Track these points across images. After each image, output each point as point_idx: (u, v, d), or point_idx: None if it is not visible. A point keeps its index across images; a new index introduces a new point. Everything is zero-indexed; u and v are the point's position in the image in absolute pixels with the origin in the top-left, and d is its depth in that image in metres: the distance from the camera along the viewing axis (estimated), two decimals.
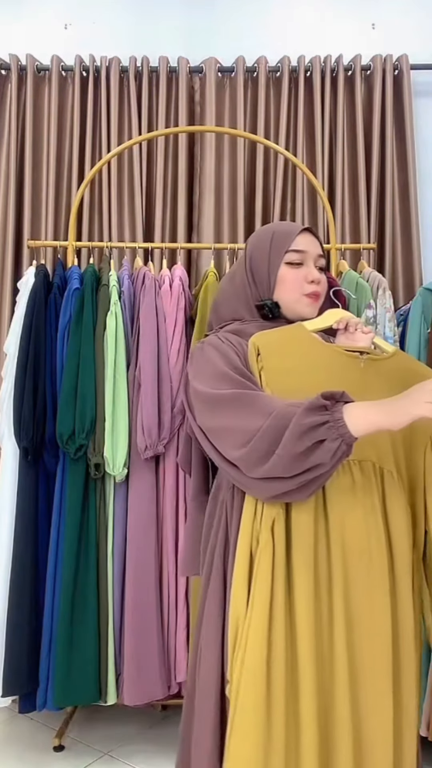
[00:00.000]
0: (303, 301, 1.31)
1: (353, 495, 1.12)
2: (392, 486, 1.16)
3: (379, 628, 1.11)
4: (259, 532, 1.10)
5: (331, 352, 1.20)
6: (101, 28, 3.01)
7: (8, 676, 1.98)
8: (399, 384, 1.19)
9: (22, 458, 2.06)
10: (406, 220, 2.91)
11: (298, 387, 1.14)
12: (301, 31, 3.00)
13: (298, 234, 1.32)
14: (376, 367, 1.21)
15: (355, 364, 1.19)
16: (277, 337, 1.19)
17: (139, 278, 2.16)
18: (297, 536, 1.10)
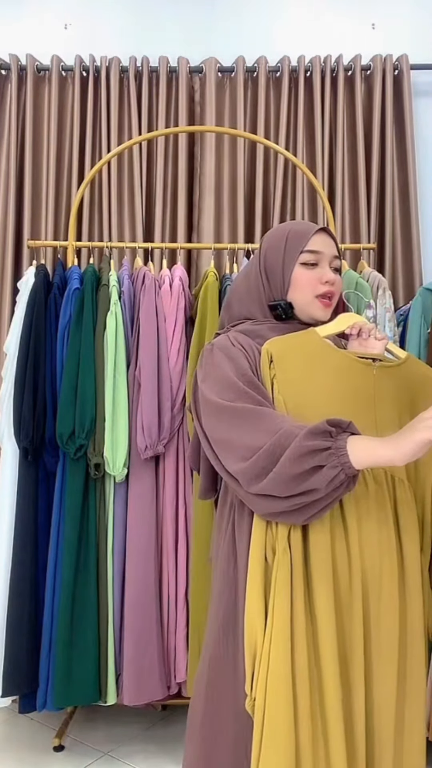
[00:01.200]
0: (316, 303, 1.29)
1: (367, 503, 1.11)
2: (404, 494, 1.15)
3: (389, 639, 1.11)
4: (275, 540, 1.09)
5: (344, 358, 1.18)
6: (101, 28, 3.01)
7: (8, 676, 1.98)
8: (411, 390, 1.19)
9: (22, 458, 2.06)
10: (406, 220, 2.91)
11: (311, 394, 1.14)
12: (302, 31, 3.00)
13: (314, 234, 1.30)
14: (389, 373, 1.20)
15: (368, 372, 1.18)
16: (290, 343, 1.18)
17: (139, 278, 2.16)
18: (314, 546, 1.09)
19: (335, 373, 1.17)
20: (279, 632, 1.06)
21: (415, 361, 1.26)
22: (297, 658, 1.06)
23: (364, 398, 1.14)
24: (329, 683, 1.06)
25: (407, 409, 1.20)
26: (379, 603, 1.12)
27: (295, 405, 1.13)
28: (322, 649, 1.07)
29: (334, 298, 1.31)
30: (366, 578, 1.11)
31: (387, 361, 1.22)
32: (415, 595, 1.14)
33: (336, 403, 1.15)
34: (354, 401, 1.16)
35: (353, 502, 1.11)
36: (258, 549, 1.10)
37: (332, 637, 1.07)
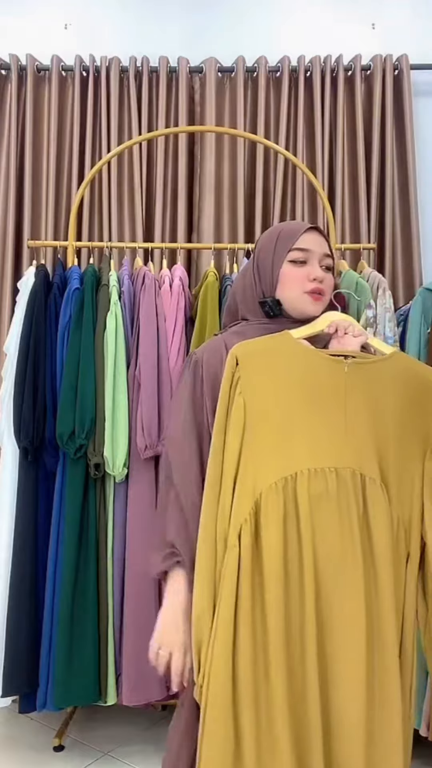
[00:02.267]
0: (305, 298, 1.29)
1: (327, 501, 1.11)
2: (374, 493, 1.13)
3: (353, 633, 1.09)
4: (226, 533, 1.11)
5: (314, 358, 1.18)
6: (101, 28, 3.01)
7: (8, 676, 1.98)
8: (397, 385, 1.17)
9: (22, 458, 2.07)
10: (406, 220, 2.91)
11: (275, 395, 1.15)
12: (301, 31, 3.00)
13: (304, 232, 1.32)
14: (364, 369, 1.18)
15: (339, 369, 1.16)
16: (258, 346, 1.19)
17: (139, 278, 2.16)
18: (266, 542, 1.10)
19: (304, 372, 1.17)
20: (223, 623, 1.08)
21: (402, 357, 1.23)
22: (240, 648, 1.07)
23: (332, 397, 1.13)
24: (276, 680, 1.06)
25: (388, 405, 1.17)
26: (342, 602, 1.10)
27: (256, 405, 1.15)
28: (271, 644, 1.07)
29: (326, 294, 1.32)
30: (321, 576, 1.10)
31: (362, 358, 1.19)
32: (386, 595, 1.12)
33: (300, 402, 1.15)
34: (320, 400, 1.15)
35: (310, 499, 1.11)
36: (207, 542, 1.13)
37: (281, 632, 1.07)
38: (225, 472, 1.15)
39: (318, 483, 1.11)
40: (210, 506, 1.14)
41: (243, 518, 1.11)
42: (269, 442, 1.14)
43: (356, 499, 1.12)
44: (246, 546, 1.10)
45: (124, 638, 1.99)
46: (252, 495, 1.12)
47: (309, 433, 1.14)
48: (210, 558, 1.12)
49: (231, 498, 1.13)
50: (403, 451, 1.17)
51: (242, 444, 1.15)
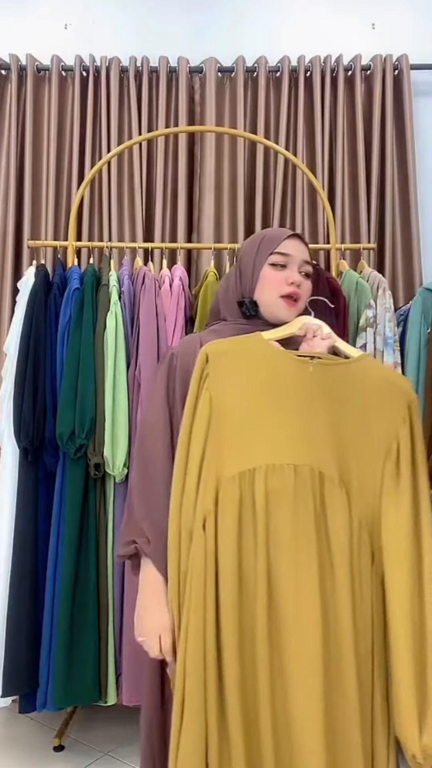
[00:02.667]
0: (280, 303, 1.35)
1: (283, 497, 1.14)
2: (332, 491, 1.16)
3: (307, 629, 1.10)
4: (191, 525, 1.15)
5: (281, 358, 1.22)
6: (101, 28, 3.01)
7: (8, 676, 1.98)
8: (361, 388, 1.21)
9: (22, 458, 2.06)
10: (406, 220, 2.91)
11: (240, 392, 1.20)
12: (301, 31, 3.00)
13: (286, 238, 1.38)
14: (329, 371, 1.21)
15: (304, 370, 1.20)
16: (229, 346, 1.24)
17: (139, 278, 2.16)
18: (222, 535, 1.14)
19: (270, 372, 1.21)
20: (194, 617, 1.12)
21: (371, 362, 1.26)
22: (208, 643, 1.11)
23: (296, 397, 1.18)
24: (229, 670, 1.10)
25: (352, 407, 1.20)
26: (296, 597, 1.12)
27: (222, 401, 1.20)
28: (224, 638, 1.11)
29: (301, 300, 1.36)
30: (274, 572, 1.12)
31: (328, 360, 1.23)
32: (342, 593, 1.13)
33: (265, 400, 1.19)
34: (284, 399, 1.19)
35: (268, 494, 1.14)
36: (174, 533, 1.17)
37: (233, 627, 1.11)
38: (190, 464, 1.19)
39: (275, 478, 1.15)
40: (176, 499, 1.19)
41: (207, 509, 1.15)
42: (232, 436, 1.18)
43: (313, 496, 1.15)
44: (210, 537, 1.14)
45: (124, 638, 1.99)
46: (214, 487, 1.16)
47: (271, 430, 1.18)
48: (177, 552, 1.17)
49: (196, 490, 1.17)
50: (365, 452, 1.19)
51: (207, 438, 1.19)
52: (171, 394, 1.34)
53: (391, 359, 2.03)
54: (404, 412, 1.19)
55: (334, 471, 1.17)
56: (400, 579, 1.13)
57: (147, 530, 1.25)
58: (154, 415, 1.34)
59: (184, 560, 1.16)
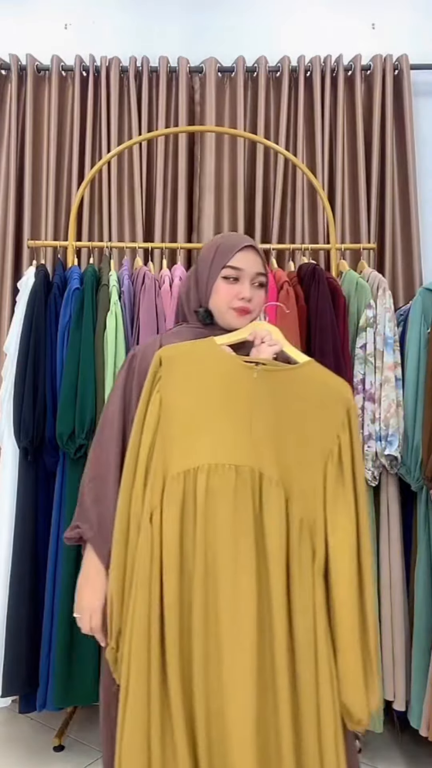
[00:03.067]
0: (231, 313, 1.40)
1: (223, 496, 1.20)
2: (269, 491, 1.22)
3: (243, 617, 1.16)
4: (139, 518, 1.22)
5: (229, 363, 1.28)
6: (101, 28, 3.01)
7: (8, 676, 1.98)
8: (304, 393, 1.26)
9: (22, 458, 2.06)
10: (406, 220, 2.91)
11: (188, 395, 1.26)
12: (301, 31, 3.00)
13: (239, 251, 1.41)
14: (272, 377, 1.27)
15: (249, 375, 1.26)
16: (182, 350, 1.31)
17: (139, 278, 2.16)
18: (166, 530, 1.20)
19: (218, 376, 1.27)
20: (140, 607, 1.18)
21: (316, 368, 1.30)
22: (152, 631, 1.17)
23: (241, 400, 1.24)
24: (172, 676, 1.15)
25: (293, 411, 1.25)
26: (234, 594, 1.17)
27: (171, 403, 1.26)
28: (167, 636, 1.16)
29: (253, 312, 1.42)
30: (212, 569, 1.18)
31: (273, 366, 1.28)
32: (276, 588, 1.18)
33: (211, 403, 1.26)
34: (229, 402, 1.25)
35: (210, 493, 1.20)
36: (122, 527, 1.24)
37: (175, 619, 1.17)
38: (139, 461, 1.25)
39: (217, 478, 1.21)
40: (125, 492, 1.25)
41: (154, 504, 1.21)
42: (178, 436, 1.24)
43: (252, 495, 1.21)
44: (156, 530, 1.20)
45: None
46: (161, 484, 1.22)
47: (215, 431, 1.24)
48: (123, 542, 1.23)
49: (143, 485, 1.23)
50: (305, 454, 1.24)
51: (155, 437, 1.25)
52: (128, 393, 1.42)
53: (391, 359, 2.03)
54: (344, 417, 1.25)
55: (275, 472, 1.23)
56: (344, 572, 1.21)
57: (93, 518, 1.34)
58: (113, 408, 1.42)
59: (131, 549, 1.22)
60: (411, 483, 1.99)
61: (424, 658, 1.91)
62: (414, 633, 1.95)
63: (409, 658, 1.98)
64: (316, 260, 2.49)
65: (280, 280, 2.11)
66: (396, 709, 1.99)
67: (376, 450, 1.98)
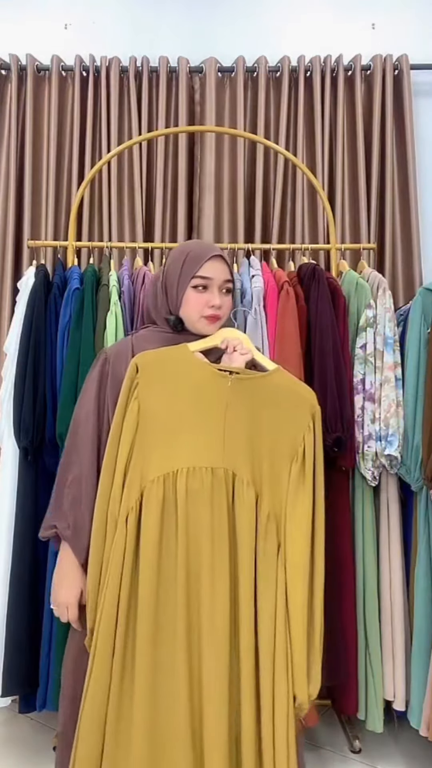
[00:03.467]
0: (202, 321, 1.49)
1: (201, 496, 1.29)
2: (241, 490, 1.32)
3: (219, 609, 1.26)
4: (116, 518, 1.30)
5: (203, 371, 1.36)
6: (101, 28, 3.01)
7: (8, 676, 1.98)
8: (270, 399, 1.36)
9: (21, 458, 2.06)
10: (406, 220, 2.91)
11: (166, 402, 1.34)
12: (301, 31, 3.00)
13: (207, 260, 1.48)
14: (245, 385, 1.36)
15: (224, 383, 1.35)
16: (157, 357, 1.38)
17: (139, 278, 2.16)
18: (145, 529, 1.28)
19: (193, 383, 1.35)
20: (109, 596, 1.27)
21: (284, 375, 1.40)
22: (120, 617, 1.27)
23: (215, 406, 1.33)
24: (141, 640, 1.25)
25: (264, 416, 1.35)
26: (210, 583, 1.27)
27: (149, 409, 1.34)
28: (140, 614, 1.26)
29: (222, 317, 1.50)
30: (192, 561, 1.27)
31: (245, 374, 1.37)
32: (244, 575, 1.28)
33: (187, 409, 1.34)
34: (204, 408, 1.34)
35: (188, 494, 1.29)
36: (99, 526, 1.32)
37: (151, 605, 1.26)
38: (117, 465, 1.33)
39: (195, 480, 1.30)
40: (104, 494, 1.33)
41: (130, 506, 1.30)
42: (157, 441, 1.32)
43: (227, 495, 1.31)
44: (131, 531, 1.29)
45: None
46: (138, 487, 1.31)
47: (192, 436, 1.32)
48: (101, 540, 1.32)
49: (121, 487, 1.31)
50: (276, 455, 1.34)
51: (134, 442, 1.33)
52: (102, 395, 1.47)
53: (391, 359, 2.03)
54: (309, 421, 1.36)
55: (247, 473, 1.32)
56: (297, 563, 1.31)
57: (71, 520, 1.41)
58: (85, 413, 1.47)
59: (108, 547, 1.31)
60: (411, 483, 1.99)
61: (424, 658, 1.91)
62: (414, 633, 1.95)
63: (409, 658, 1.98)
64: (316, 260, 2.49)
65: (280, 280, 2.11)
66: (396, 709, 1.99)
67: (376, 450, 1.98)
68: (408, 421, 1.99)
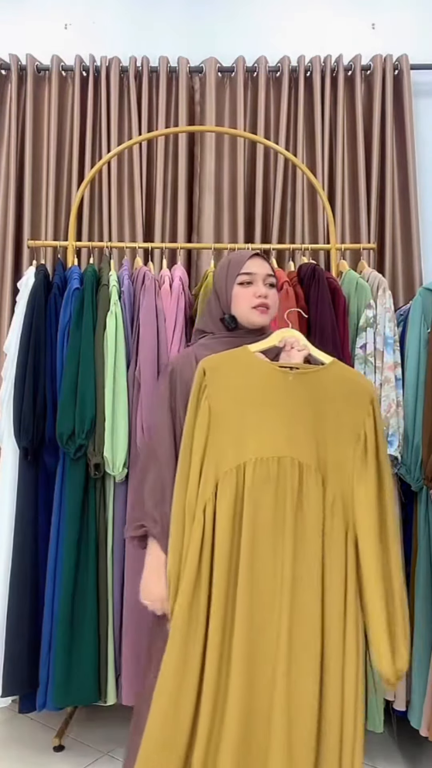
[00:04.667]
0: (253, 313, 1.60)
1: (267, 484, 1.39)
2: (308, 476, 1.40)
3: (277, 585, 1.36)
4: (193, 510, 1.40)
5: (266, 368, 1.46)
6: (101, 28, 3.01)
7: (8, 675, 1.98)
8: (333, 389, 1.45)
9: (22, 458, 2.07)
10: (406, 220, 2.91)
11: (234, 400, 1.44)
12: (301, 31, 3.00)
13: (249, 259, 1.62)
14: (305, 379, 1.45)
15: (285, 379, 1.44)
16: (222, 360, 1.48)
17: (139, 278, 2.16)
18: (219, 518, 1.38)
19: (257, 381, 1.45)
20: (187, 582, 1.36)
21: (338, 366, 1.49)
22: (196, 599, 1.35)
23: (279, 401, 1.43)
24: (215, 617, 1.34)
25: (325, 406, 1.44)
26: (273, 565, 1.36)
27: (219, 409, 1.44)
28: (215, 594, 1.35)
29: (271, 307, 1.62)
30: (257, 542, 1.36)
31: (304, 368, 1.46)
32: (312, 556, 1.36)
33: (253, 405, 1.43)
34: (269, 403, 1.43)
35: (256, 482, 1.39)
36: (178, 518, 1.41)
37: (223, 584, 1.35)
38: (192, 462, 1.43)
39: (262, 469, 1.40)
40: (180, 490, 1.43)
41: (207, 498, 1.40)
42: (228, 437, 1.42)
43: (292, 481, 1.39)
44: (208, 520, 1.39)
45: (124, 638, 1.99)
46: (214, 479, 1.41)
47: (258, 429, 1.42)
48: (179, 531, 1.41)
49: (197, 483, 1.41)
50: (339, 442, 1.43)
51: (207, 439, 1.43)
52: (173, 403, 1.59)
53: (391, 359, 2.03)
54: (368, 407, 1.44)
55: (312, 460, 1.41)
56: (370, 541, 1.38)
57: (158, 518, 1.51)
58: (161, 420, 1.59)
59: (187, 535, 1.40)
60: (411, 483, 1.99)
61: (424, 658, 1.91)
62: (414, 633, 1.95)
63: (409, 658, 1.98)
64: (316, 260, 2.49)
65: (280, 280, 2.11)
66: (396, 708, 1.99)
67: None
68: (408, 421, 1.99)
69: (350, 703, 1.33)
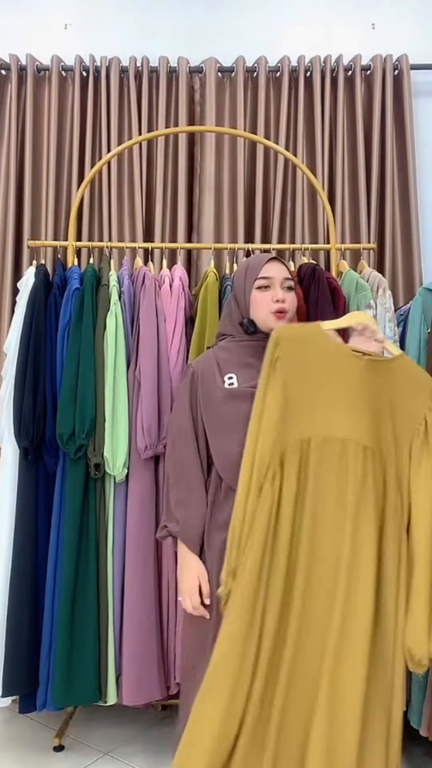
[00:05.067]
0: (271, 317, 1.61)
1: (329, 463, 1.41)
2: (370, 460, 1.42)
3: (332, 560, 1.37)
4: (261, 482, 1.40)
5: (340, 350, 1.49)
6: (101, 28, 3.01)
7: (8, 676, 1.98)
8: (398, 380, 1.49)
9: (22, 458, 2.07)
10: (406, 220, 2.91)
11: (308, 373, 1.46)
12: (301, 31, 3.00)
13: (266, 263, 1.64)
14: (375, 367, 1.48)
15: (358, 363, 1.47)
16: (295, 331, 1.52)
17: (139, 278, 2.16)
18: (284, 490, 1.40)
19: (329, 360, 1.47)
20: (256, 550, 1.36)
21: (406, 360, 1.54)
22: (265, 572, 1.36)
23: (349, 383, 1.45)
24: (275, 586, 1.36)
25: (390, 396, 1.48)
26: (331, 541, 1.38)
27: (289, 380, 1.45)
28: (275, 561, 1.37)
29: (289, 311, 1.63)
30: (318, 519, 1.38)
31: (375, 357, 1.50)
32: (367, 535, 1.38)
33: (323, 383, 1.45)
34: (338, 383, 1.45)
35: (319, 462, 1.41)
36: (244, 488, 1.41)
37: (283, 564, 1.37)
38: (263, 428, 1.43)
39: (326, 448, 1.42)
40: (248, 459, 1.43)
41: (276, 469, 1.41)
42: (296, 410, 1.44)
43: (354, 464, 1.41)
44: (276, 489, 1.40)
45: (124, 638, 1.99)
46: (279, 452, 1.42)
47: (326, 408, 1.44)
48: (243, 501, 1.41)
49: (270, 448, 1.42)
50: (399, 432, 1.47)
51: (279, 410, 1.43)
52: (194, 404, 1.61)
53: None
54: (429, 402, 1.50)
55: (375, 445, 1.44)
56: (423, 528, 1.40)
57: (179, 517, 1.57)
58: (183, 422, 1.62)
59: (252, 501, 1.40)
60: None
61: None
62: None
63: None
64: (316, 260, 2.49)
65: None
66: None
67: None
68: None
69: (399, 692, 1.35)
